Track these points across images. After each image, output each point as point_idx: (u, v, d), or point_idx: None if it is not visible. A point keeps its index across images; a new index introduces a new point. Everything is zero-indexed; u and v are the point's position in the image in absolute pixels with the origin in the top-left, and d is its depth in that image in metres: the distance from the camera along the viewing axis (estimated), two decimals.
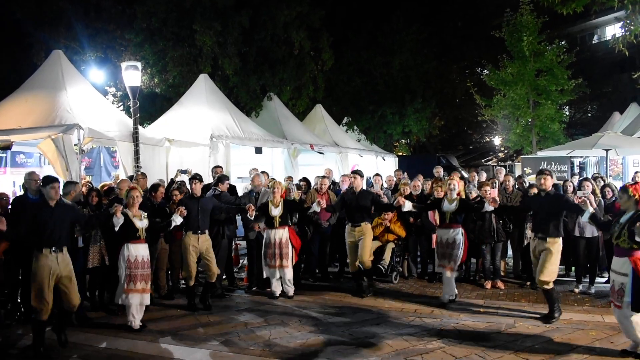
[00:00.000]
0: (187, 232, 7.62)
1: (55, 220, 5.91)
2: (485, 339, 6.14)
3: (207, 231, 7.75)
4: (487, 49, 23.54)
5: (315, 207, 8.23)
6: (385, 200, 9.44)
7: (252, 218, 7.98)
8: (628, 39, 8.89)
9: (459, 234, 7.72)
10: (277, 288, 8.34)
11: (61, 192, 6.55)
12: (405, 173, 12.20)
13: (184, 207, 7.23)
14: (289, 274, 8.28)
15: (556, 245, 6.80)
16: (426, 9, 27.97)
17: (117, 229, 6.58)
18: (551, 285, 6.80)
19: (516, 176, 11.90)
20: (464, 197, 8.12)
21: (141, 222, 6.82)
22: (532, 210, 7.37)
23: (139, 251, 6.78)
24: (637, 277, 5.30)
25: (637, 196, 5.50)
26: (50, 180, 6.07)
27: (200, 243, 7.64)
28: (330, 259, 10.08)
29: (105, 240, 7.44)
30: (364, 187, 11.14)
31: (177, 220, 7.21)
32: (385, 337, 6.27)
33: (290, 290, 8.36)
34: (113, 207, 6.52)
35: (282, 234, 8.21)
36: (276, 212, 8.18)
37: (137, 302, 6.72)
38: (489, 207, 7.55)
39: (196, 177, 7.91)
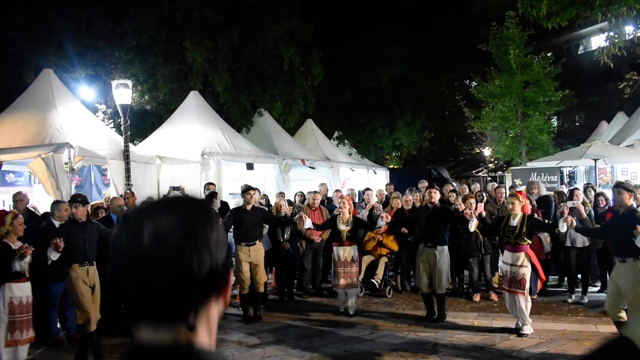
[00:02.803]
0: (72, 265, 6.24)
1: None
2: (481, 353, 6.15)
3: (94, 262, 6.47)
4: (474, 61, 23.75)
5: None
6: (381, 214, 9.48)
7: None
8: (612, 51, 9.03)
9: (354, 251, 8.19)
10: None
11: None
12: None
13: (60, 239, 5.90)
14: None
15: (444, 253, 7.56)
16: (415, 22, 28.19)
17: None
18: (444, 290, 7.66)
19: (508, 187, 11.97)
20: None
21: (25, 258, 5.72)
22: (421, 222, 7.89)
23: (22, 292, 5.74)
24: (534, 267, 6.75)
25: (524, 202, 6.89)
26: None
27: (91, 277, 6.37)
28: (323, 274, 10.07)
29: None
30: (356, 201, 11.27)
31: (52, 255, 5.91)
32: (380, 353, 6.26)
33: None
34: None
35: None
36: None
37: (25, 356, 5.76)
38: (381, 222, 8.05)
39: (77, 200, 6.51)
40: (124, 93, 10.48)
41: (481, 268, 8.95)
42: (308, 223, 8.15)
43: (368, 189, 10.99)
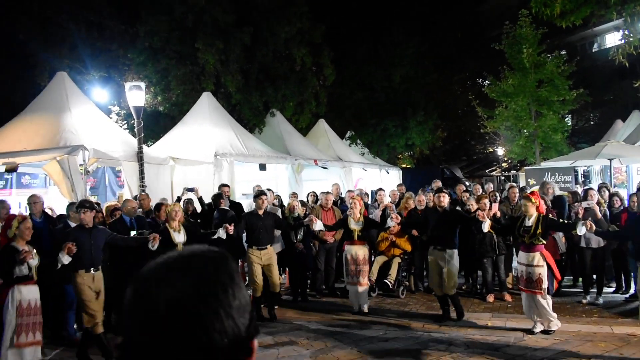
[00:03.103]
0: (79, 271, 6.33)
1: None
2: (495, 353, 6.13)
3: (100, 267, 6.58)
4: (487, 60, 23.63)
5: (221, 234, 7.59)
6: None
7: (154, 249, 6.82)
8: (628, 50, 8.93)
9: (366, 250, 8.24)
10: None
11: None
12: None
13: (73, 243, 6.03)
14: None
15: (455, 255, 7.60)
16: (426, 21, 28.13)
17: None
18: (455, 291, 7.66)
19: (520, 187, 11.90)
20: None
21: (33, 260, 5.75)
22: (430, 225, 7.93)
23: (31, 294, 5.78)
24: (549, 266, 6.76)
25: (537, 203, 6.86)
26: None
27: (96, 282, 6.43)
28: (337, 275, 10.07)
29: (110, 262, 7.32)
30: (369, 201, 11.26)
31: (64, 259, 5.99)
32: (394, 353, 6.25)
33: None
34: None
35: None
36: (180, 238, 7.32)
37: (31, 357, 5.74)
38: (390, 223, 8.11)
39: (85, 205, 6.57)
40: (137, 95, 10.56)
41: (495, 269, 8.90)
42: (319, 225, 8.22)
43: (380, 189, 10.98)
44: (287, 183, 14.00)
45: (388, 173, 20.16)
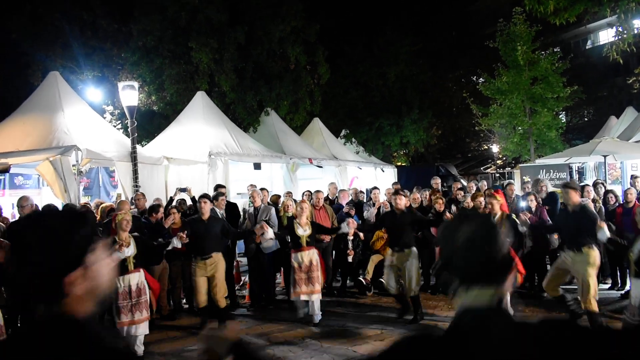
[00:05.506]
0: None
1: None
2: None
3: None
4: (481, 57, 23.65)
5: (176, 244, 6.87)
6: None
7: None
8: (621, 47, 8.95)
9: (315, 255, 7.71)
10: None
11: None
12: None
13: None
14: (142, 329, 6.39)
15: (414, 254, 7.59)
16: (420, 19, 28.14)
17: None
18: (417, 292, 7.58)
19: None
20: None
21: None
22: (390, 227, 7.88)
23: None
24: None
25: (502, 201, 7.30)
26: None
27: None
28: (333, 273, 10.03)
29: None
30: (364, 200, 11.23)
31: None
32: None
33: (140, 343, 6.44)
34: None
35: (137, 279, 6.40)
36: (128, 252, 6.36)
37: None
38: (346, 229, 7.74)
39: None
40: (130, 95, 10.51)
41: None
42: (270, 234, 7.57)
43: (375, 187, 10.94)
44: (282, 182, 13.98)
45: (383, 171, 20.16)
